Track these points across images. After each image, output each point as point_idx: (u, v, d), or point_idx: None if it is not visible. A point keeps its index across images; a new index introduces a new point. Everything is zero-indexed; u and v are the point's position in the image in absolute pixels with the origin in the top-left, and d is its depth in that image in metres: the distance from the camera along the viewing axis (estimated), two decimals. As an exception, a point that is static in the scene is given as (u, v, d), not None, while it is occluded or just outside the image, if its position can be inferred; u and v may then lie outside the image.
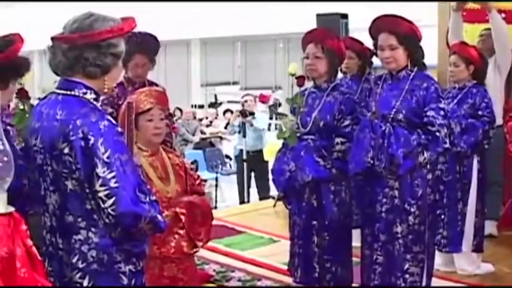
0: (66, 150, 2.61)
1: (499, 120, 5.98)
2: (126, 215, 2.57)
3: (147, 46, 5.50)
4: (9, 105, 4.96)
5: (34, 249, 2.71)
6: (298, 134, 4.59)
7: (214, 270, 5.77)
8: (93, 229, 2.65)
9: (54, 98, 2.75)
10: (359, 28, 8.82)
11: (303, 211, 4.62)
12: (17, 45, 3.09)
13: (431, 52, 6.65)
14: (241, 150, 10.31)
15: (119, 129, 2.69)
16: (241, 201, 10.23)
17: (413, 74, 4.31)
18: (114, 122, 2.67)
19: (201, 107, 19.72)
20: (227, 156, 13.08)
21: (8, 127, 3.62)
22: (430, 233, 4.41)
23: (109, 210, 2.56)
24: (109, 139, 2.59)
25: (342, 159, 4.49)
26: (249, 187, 10.16)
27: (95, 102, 2.72)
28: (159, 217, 2.68)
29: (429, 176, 4.33)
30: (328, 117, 4.55)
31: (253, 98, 11.46)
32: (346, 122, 4.53)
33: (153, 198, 2.72)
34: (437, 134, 4.14)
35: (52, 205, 2.75)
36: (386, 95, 4.34)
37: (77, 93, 2.70)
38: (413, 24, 4.34)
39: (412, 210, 4.26)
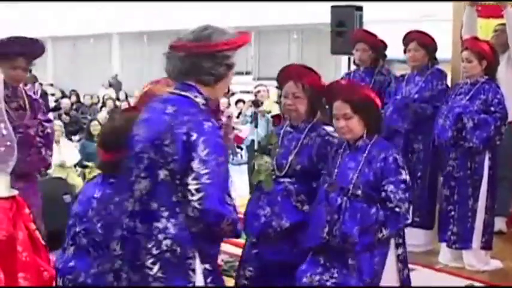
0: (167, 141, 2.79)
1: (511, 117, 5.96)
2: (211, 211, 2.72)
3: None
4: (16, 87, 5.00)
5: (37, 233, 2.74)
6: (274, 177, 4.25)
7: (222, 260, 5.77)
8: (172, 220, 2.79)
9: (167, 96, 2.95)
10: (373, 20, 8.84)
11: (275, 254, 4.21)
12: None
13: (446, 46, 6.65)
14: (253, 141, 10.32)
15: (221, 133, 2.90)
16: (252, 192, 10.21)
17: (371, 143, 3.98)
18: (217, 124, 2.87)
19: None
20: (238, 147, 13.08)
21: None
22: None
23: (196, 204, 2.70)
24: (210, 139, 2.77)
25: None
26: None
27: (203, 107, 2.90)
28: (239, 225, 2.85)
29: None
30: (305, 161, 4.22)
31: (266, 89, 11.46)
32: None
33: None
34: (397, 209, 3.82)
35: (139, 191, 2.89)
36: (344, 166, 4.02)
37: (189, 95, 2.90)
38: (368, 90, 4.09)
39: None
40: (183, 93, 2.91)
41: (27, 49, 4.95)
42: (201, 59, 2.90)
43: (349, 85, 4.20)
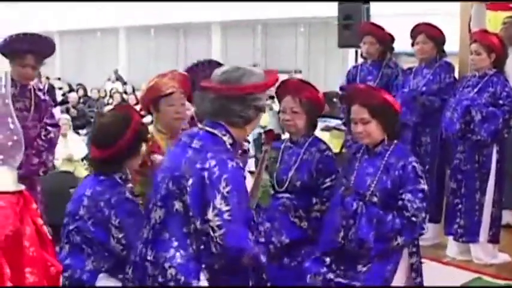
0: (186, 175, 2.84)
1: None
2: (232, 247, 2.78)
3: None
4: (25, 85, 4.96)
5: (45, 228, 2.74)
6: (272, 193, 4.13)
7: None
8: (181, 251, 2.85)
9: (196, 131, 3.00)
10: (381, 14, 8.81)
11: (278, 270, 4.16)
12: (135, 115, 3.61)
13: (454, 39, 6.63)
14: (260, 134, 10.31)
15: (244, 173, 2.94)
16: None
17: (390, 149, 3.92)
18: (241, 165, 2.91)
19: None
20: (245, 140, 13.08)
21: None
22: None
23: (218, 239, 2.76)
24: (233, 177, 2.81)
25: (320, 220, 4.12)
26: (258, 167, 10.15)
27: (229, 147, 2.95)
28: (262, 257, 2.88)
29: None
30: (305, 177, 4.22)
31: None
32: (326, 184, 4.20)
33: (261, 240, 2.95)
34: (414, 219, 3.76)
35: (154, 219, 2.96)
36: (362, 172, 3.98)
37: (217, 133, 2.95)
38: (387, 95, 4.02)
39: None
40: (211, 130, 2.95)
41: (36, 46, 4.87)
42: (230, 102, 2.93)
43: (367, 89, 4.15)
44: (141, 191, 3.84)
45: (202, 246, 2.85)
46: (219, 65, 4.70)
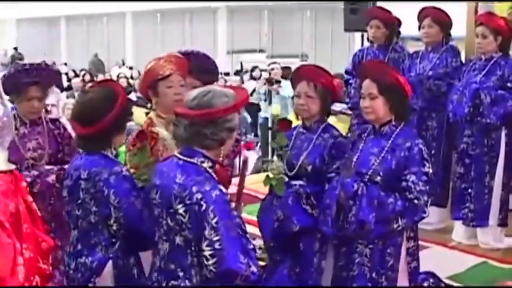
0: (180, 211, 3.00)
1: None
2: (224, 273, 2.95)
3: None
4: (35, 121, 4.55)
5: (34, 205, 2.78)
6: (286, 180, 4.21)
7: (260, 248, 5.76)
8: (187, 281, 3.05)
9: (176, 162, 3.11)
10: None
11: (286, 263, 4.27)
12: (120, 90, 3.54)
13: (460, 24, 6.59)
14: (267, 118, 10.31)
15: (228, 197, 3.04)
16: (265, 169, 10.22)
17: (397, 130, 3.90)
18: (224, 190, 3.03)
19: (227, 74, 19.69)
20: (252, 124, 13.07)
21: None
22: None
23: (211, 267, 2.95)
24: (218, 207, 2.96)
25: None
26: (273, 155, 10.16)
27: (210, 170, 3.08)
28: (252, 276, 3.01)
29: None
30: (316, 161, 4.20)
31: (280, 66, 11.39)
32: (335, 166, 4.15)
33: (253, 259, 3.06)
34: (416, 201, 3.73)
35: (163, 251, 3.15)
36: (366, 151, 3.96)
37: (195, 161, 3.07)
38: (400, 75, 3.97)
39: (380, 280, 3.90)
40: (189, 160, 3.07)
41: (38, 77, 4.47)
42: (203, 127, 3.05)
43: (380, 65, 4.13)
44: (136, 163, 3.86)
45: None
46: (206, 57, 4.73)
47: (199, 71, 4.44)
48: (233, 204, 3.24)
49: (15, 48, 25.85)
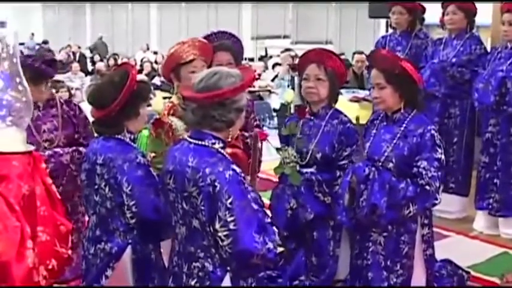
0: (194, 194, 2.99)
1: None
2: (240, 253, 2.95)
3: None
4: (48, 101, 4.51)
5: (53, 187, 2.77)
6: (298, 169, 4.17)
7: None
8: (209, 260, 3.06)
9: (187, 146, 3.10)
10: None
11: (301, 251, 4.28)
12: (132, 74, 3.43)
13: (486, 11, 6.50)
14: (283, 105, 10.29)
15: (242, 176, 3.02)
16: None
17: (409, 117, 3.88)
18: (238, 170, 3.01)
19: (251, 60, 19.66)
20: (275, 110, 13.04)
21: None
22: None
23: (226, 248, 2.95)
24: (232, 187, 2.95)
25: None
26: (281, 143, 10.12)
27: (222, 151, 3.07)
28: (269, 254, 3.00)
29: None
30: (326, 149, 4.16)
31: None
32: (346, 153, 4.14)
33: (270, 234, 3.04)
34: (427, 187, 3.71)
35: (180, 235, 3.16)
36: (378, 138, 3.95)
37: (206, 143, 3.06)
38: (407, 64, 3.91)
39: (396, 268, 3.89)
40: (200, 142, 3.06)
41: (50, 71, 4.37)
42: (211, 109, 3.02)
43: (386, 55, 4.10)
44: (153, 150, 3.90)
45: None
46: (232, 36, 4.70)
47: (227, 48, 4.46)
48: (248, 178, 3.25)
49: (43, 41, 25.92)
